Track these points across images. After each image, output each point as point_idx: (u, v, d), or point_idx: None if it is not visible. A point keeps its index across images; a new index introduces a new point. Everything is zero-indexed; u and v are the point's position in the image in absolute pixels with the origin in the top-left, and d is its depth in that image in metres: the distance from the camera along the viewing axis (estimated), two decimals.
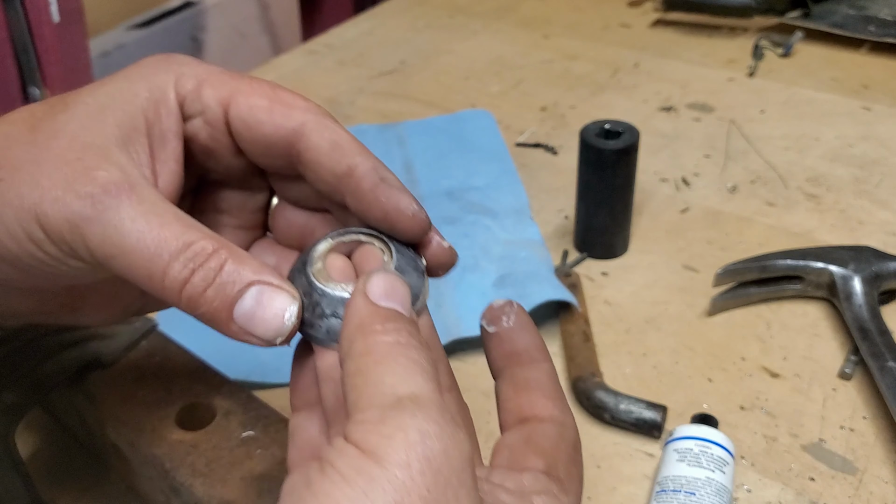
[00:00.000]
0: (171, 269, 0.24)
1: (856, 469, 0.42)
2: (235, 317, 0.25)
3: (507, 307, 0.28)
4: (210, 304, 0.25)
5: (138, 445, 0.36)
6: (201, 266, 0.25)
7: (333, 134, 0.28)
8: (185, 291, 0.25)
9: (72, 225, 0.25)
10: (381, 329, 0.23)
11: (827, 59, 0.81)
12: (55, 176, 0.25)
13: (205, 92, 0.28)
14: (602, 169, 0.53)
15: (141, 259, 0.25)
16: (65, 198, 0.25)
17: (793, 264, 0.51)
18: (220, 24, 1.26)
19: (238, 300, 0.25)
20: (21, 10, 0.67)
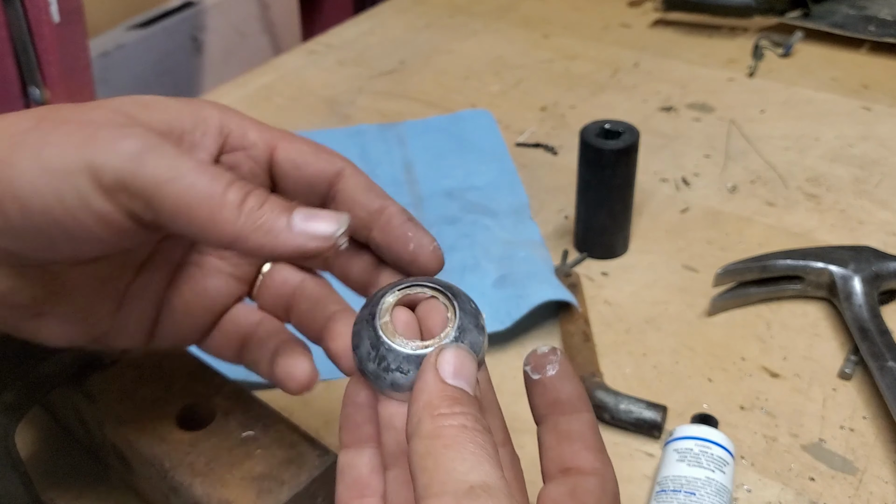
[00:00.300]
0: (229, 192, 0.26)
1: (856, 469, 0.42)
2: (293, 224, 0.27)
3: (551, 355, 0.29)
4: (268, 216, 0.26)
5: (138, 445, 0.36)
6: (252, 192, 0.27)
7: (368, 180, 0.32)
8: (244, 208, 0.26)
9: (127, 169, 0.26)
10: (448, 412, 0.25)
11: (827, 59, 0.81)
12: (106, 128, 0.27)
13: (250, 133, 0.31)
14: (602, 169, 0.53)
15: (200, 183, 0.26)
16: (121, 142, 0.26)
17: (793, 264, 0.51)
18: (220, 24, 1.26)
19: (292, 213, 0.27)
20: (21, 10, 0.67)
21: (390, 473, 0.28)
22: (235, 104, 0.79)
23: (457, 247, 0.56)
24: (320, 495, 0.35)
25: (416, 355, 0.27)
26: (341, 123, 0.75)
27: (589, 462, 0.28)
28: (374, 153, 0.68)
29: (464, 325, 0.28)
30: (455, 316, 0.28)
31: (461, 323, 0.28)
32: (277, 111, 0.77)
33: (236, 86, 0.82)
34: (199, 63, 1.26)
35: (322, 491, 0.35)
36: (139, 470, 0.38)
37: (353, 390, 0.29)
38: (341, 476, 0.29)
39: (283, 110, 0.77)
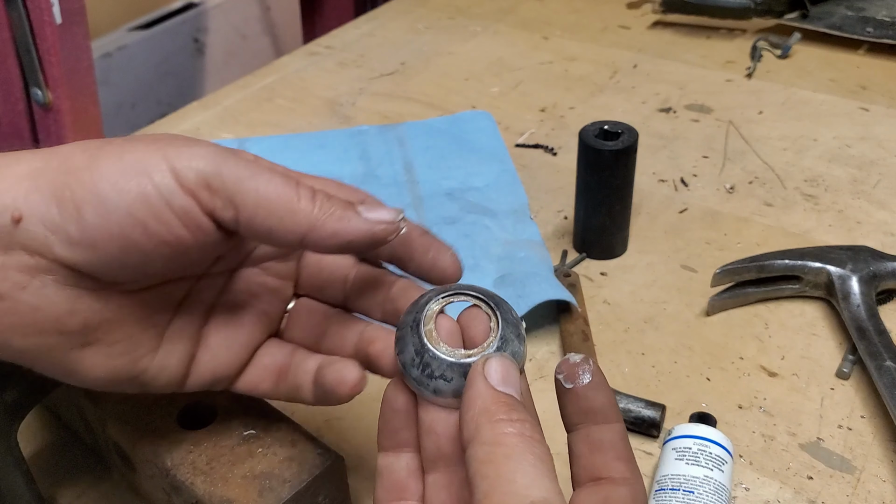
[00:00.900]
0: (301, 188, 0.29)
1: (854, 468, 0.42)
2: (361, 211, 0.30)
3: (584, 364, 0.29)
4: (338, 207, 0.29)
5: (139, 444, 0.36)
6: (317, 193, 0.29)
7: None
8: (317, 200, 0.29)
9: (211, 164, 0.28)
10: (506, 419, 0.26)
11: (825, 60, 0.81)
12: (178, 140, 0.29)
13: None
14: (601, 169, 0.53)
15: (277, 181, 0.29)
16: (196, 148, 0.29)
17: (791, 264, 0.51)
18: (222, 26, 1.26)
19: (358, 205, 0.30)
20: (23, 12, 0.68)
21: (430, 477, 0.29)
22: (237, 105, 0.79)
23: (457, 247, 0.56)
24: (321, 493, 0.35)
25: (460, 364, 0.28)
26: (342, 124, 0.75)
27: (620, 472, 0.28)
28: (374, 154, 0.69)
29: (506, 335, 0.29)
30: (498, 326, 0.29)
31: (504, 332, 0.29)
32: (279, 112, 0.77)
33: (237, 87, 0.82)
34: (200, 64, 1.27)
35: (323, 489, 0.35)
36: (141, 468, 0.38)
37: (392, 395, 0.30)
38: (380, 479, 0.30)
39: (284, 111, 0.77)
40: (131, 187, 0.27)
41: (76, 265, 0.28)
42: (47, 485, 0.42)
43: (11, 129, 0.74)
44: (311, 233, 0.29)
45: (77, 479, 0.43)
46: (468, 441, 0.26)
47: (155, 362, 0.32)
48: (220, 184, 0.28)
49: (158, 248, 0.28)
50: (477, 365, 0.27)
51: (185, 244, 0.28)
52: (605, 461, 0.28)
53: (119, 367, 0.31)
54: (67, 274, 0.28)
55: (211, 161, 0.28)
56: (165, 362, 0.32)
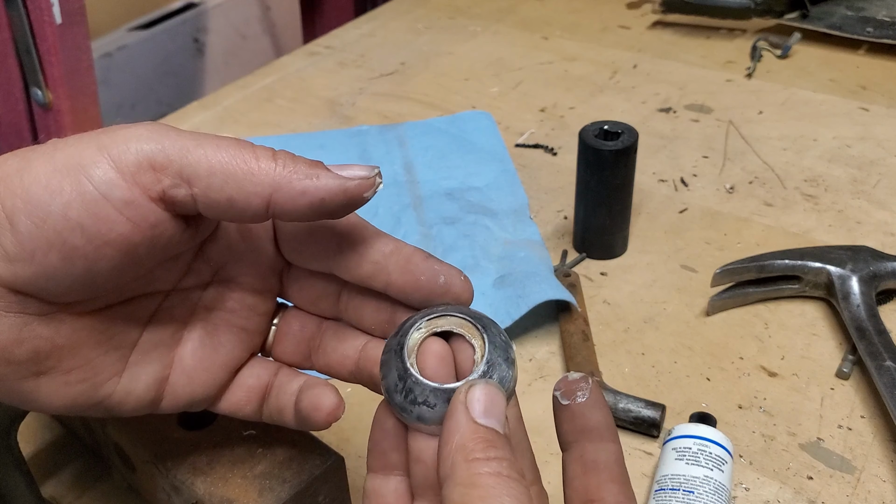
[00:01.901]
0: (258, 148, 0.27)
1: (854, 468, 0.42)
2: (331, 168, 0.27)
3: (582, 382, 0.29)
4: (303, 164, 0.27)
5: (139, 444, 0.36)
6: (280, 150, 0.27)
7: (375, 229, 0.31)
8: (278, 159, 0.27)
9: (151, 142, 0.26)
10: (482, 458, 0.25)
11: (825, 60, 0.81)
12: (114, 127, 0.26)
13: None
14: (601, 169, 0.53)
15: (228, 144, 0.26)
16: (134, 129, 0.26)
17: (790, 264, 0.51)
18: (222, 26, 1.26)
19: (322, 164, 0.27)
20: (23, 11, 0.68)
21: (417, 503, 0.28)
22: (237, 105, 0.79)
23: (457, 247, 0.56)
24: (321, 494, 0.35)
25: (443, 389, 0.26)
26: (342, 124, 0.75)
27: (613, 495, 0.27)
28: (374, 154, 0.69)
29: (493, 360, 0.27)
30: (485, 349, 0.27)
31: (490, 357, 0.27)
32: (279, 112, 0.77)
33: (238, 87, 0.82)
34: (200, 64, 1.27)
35: (323, 489, 0.35)
36: (141, 469, 0.38)
37: (382, 416, 0.28)
38: (367, 501, 0.29)
39: (284, 111, 0.78)
40: (64, 186, 0.25)
41: (17, 285, 0.25)
42: (47, 485, 0.42)
43: (11, 129, 0.74)
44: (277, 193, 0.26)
45: (77, 479, 0.43)
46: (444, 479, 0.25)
47: (119, 387, 0.29)
48: (164, 159, 0.26)
49: (102, 251, 0.25)
50: (459, 393, 0.26)
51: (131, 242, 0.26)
52: (599, 482, 0.28)
53: (79, 394, 0.28)
54: (11, 299, 0.26)
55: (151, 138, 0.26)
56: (131, 387, 0.29)
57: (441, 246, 0.57)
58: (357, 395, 0.47)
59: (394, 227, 0.59)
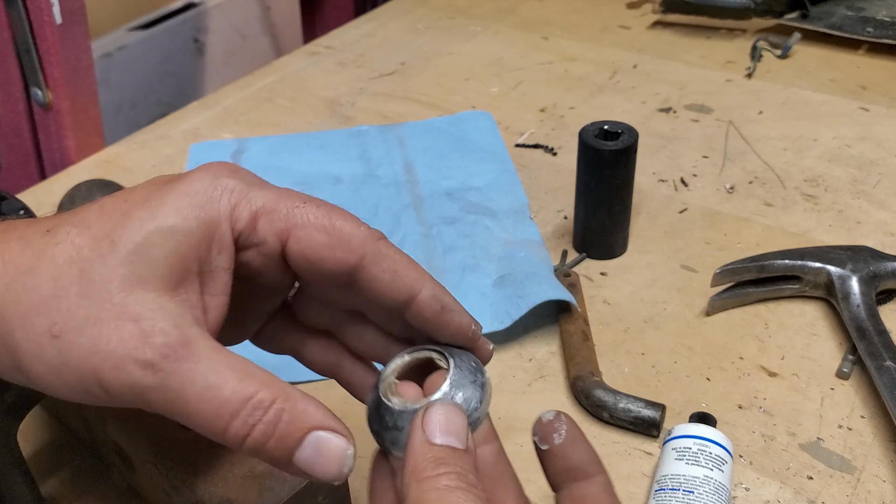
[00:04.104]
0: (231, 428, 0.26)
1: (854, 468, 0.42)
2: (296, 461, 0.26)
3: (556, 422, 0.29)
4: (271, 454, 0.26)
5: (139, 444, 0.36)
6: (260, 420, 0.26)
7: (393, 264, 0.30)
8: (246, 444, 0.26)
9: (134, 391, 0.25)
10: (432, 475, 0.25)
11: (825, 60, 0.81)
12: (113, 339, 0.25)
13: (261, 225, 0.29)
14: (601, 169, 0.53)
15: (203, 420, 0.26)
16: (126, 366, 0.25)
17: (790, 264, 0.51)
18: (222, 26, 1.26)
19: (298, 448, 0.26)
20: (23, 11, 0.68)
21: None
22: (237, 105, 0.79)
23: (457, 247, 0.57)
24: (321, 494, 0.35)
25: (408, 410, 0.27)
26: (342, 124, 0.75)
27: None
28: (374, 154, 0.69)
29: (457, 381, 0.28)
30: (449, 372, 0.28)
31: (454, 378, 0.28)
32: (279, 112, 0.77)
33: (238, 87, 0.82)
34: (200, 64, 1.27)
35: (323, 489, 0.35)
36: (141, 469, 0.38)
37: (378, 456, 0.29)
38: None
39: (284, 111, 0.78)
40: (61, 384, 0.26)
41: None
42: (47, 485, 0.42)
43: (11, 129, 0.74)
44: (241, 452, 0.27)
45: (77, 479, 0.43)
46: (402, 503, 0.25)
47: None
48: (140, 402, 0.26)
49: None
50: (416, 415, 0.26)
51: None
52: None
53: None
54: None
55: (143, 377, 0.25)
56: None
57: (441, 246, 0.57)
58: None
59: (394, 227, 0.59)
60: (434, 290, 0.30)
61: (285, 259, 0.30)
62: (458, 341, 0.31)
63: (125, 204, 0.27)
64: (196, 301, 0.27)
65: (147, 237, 0.26)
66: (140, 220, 0.27)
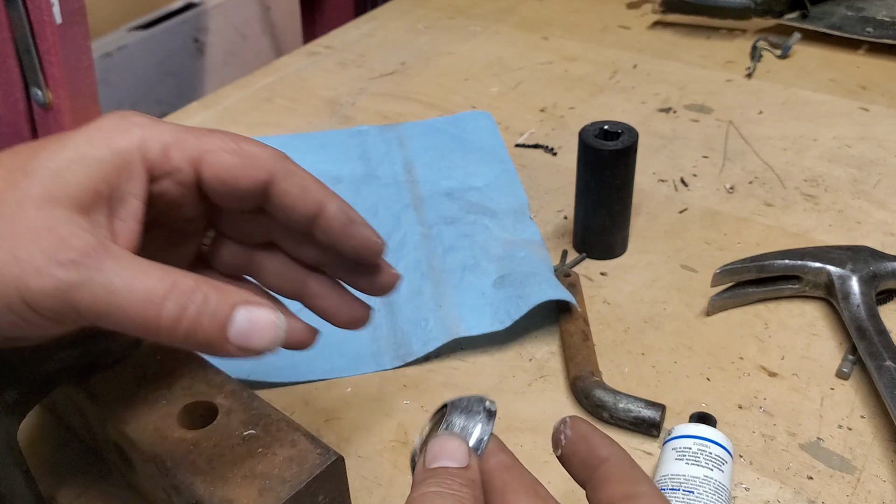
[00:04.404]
0: (164, 310, 0.27)
1: (854, 468, 0.42)
2: (231, 338, 0.28)
3: (560, 426, 0.30)
4: (206, 331, 0.27)
5: (139, 444, 0.36)
6: (190, 300, 0.27)
7: (301, 180, 0.33)
8: (181, 325, 0.27)
9: (60, 293, 0.26)
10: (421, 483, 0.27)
11: (825, 60, 0.81)
12: (32, 248, 0.26)
13: (173, 154, 0.31)
14: (601, 169, 0.53)
15: (135, 308, 0.27)
16: (48, 269, 0.26)
17: (790, 264, 0.51)
18: (222, 26, 1.26)
19: (229, 322, 0.28)
20: (23, 11, 0.68)
21: None
22: (237, 105, 0.79)
23: (457, 247, 0.56)
24: (321, 493, 0.35)
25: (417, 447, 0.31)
26: (342, 124, 0.75)
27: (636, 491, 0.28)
28: (374, 154, 0.69)
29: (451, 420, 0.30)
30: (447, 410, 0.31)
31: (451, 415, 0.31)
32: (279, 112, 0.77)
33: (237, 87, 0.82)
34: (200, 64, 1.27)
35: (323, 489, 0.35)
36: (141, 468, 0.38)
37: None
38: None
39: (284, 111, 0.78)
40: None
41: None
42: (47, 484, 0.42)
43: (11, 129, 0.74)
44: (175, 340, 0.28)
45: (77, 478, 0.43)
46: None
47: None
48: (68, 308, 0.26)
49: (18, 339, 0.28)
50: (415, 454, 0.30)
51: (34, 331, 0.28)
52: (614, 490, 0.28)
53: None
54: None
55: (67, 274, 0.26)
56: None
57: (441, 246, 0.57)
58: (357, 395, 0.48)
59: (394, 227, 0.59)
60: (340, 204, 0.33)
61: (201, 189, 0.32)
62: (363, 255, 0.33)
63: (36, 144, 0.29)
64: (105, 223, 0.29)
65: (59, 163, 0.28)
66: (52, 151, 0.28)
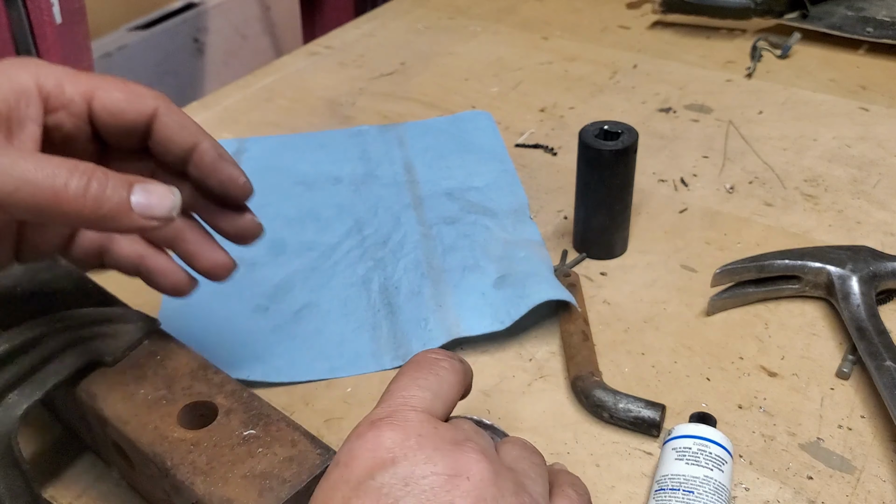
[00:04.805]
0: (71, 182, 0.30)
1: (853, 468, 0.42)
2: (135, 207, 0.32)
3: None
4: (111, 202, 0.31)
5: (139, 444, 0.36)
6: (92, 176, 0.31)
7: (180, 117, 0.37)
8: (87, 199, 0.30)
9: None
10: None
11: (825, 60, 0.81)
12: None
13: (67, 88, 0.34)
14: (601, 169, 0.53)
15: (43, 183, 0.29)
16: None
17: (790, 264, 0.51)
18: (222, 26, 1.26)
19: (131, 192, 0.32)
20: (23, 12, 0.68)
21: None
22: (237, 105, 0.79)
23: (457, 247, 0.56)
24: None
25: None
26: (342, 124, 0.75)
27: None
28: (374, 154, 0.69)
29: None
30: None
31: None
32: (279, 112, 0.77)
33: (238, 87, 0.82)
34: (200, 64, 1.27)
35: None
36: (141, 468, 0.38)
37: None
38: None
39: (284, 111, 0.78)
40: None
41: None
42: (47, 485, 0.42)
43: None
44: (82, 227, 0.33)
45: (77, 478, 0.43)
46: None
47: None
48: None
49: None
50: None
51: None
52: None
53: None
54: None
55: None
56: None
57: (441, 246, 0.57)
58: (357, 395, 0.47)
59: (394, 227, 0.59)
60: (213, 142, 0.37)
61: (92, 125, 0.35)
62: (230, 192, 0.38)
63: None
64: (2, 142, 0.32)
65: None
66: None
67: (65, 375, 0.38)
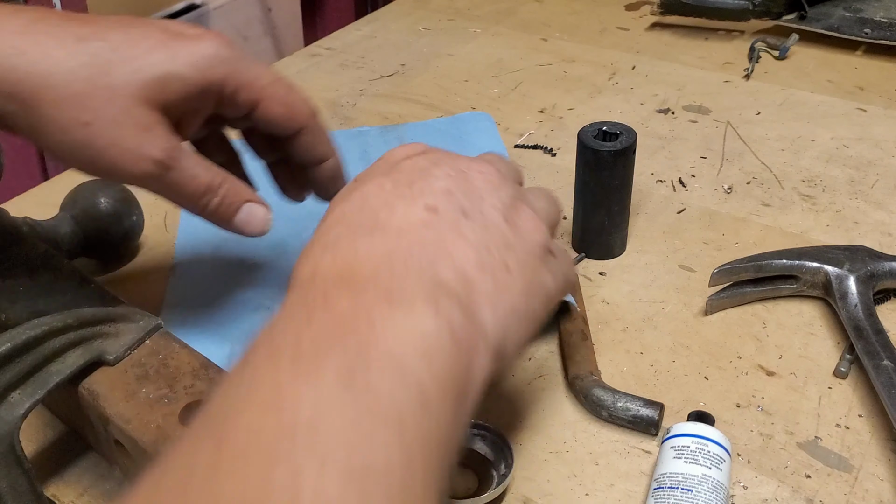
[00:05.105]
0: (210, 200, 0.40)
1: (851, 467, 0.42)
2: (235, 222, 0.41)
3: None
4: (223, 211, 0.40)
5: (142, 443, 0.36)
6: (216, 194, 0.40)
7: (320, 136, 0.44)
8: (209, 208, 0.40)
9: (146, 177, 0.38)
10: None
11: (823, 61, 0.82)
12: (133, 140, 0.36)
13: (241, 95, 0.40)
14: (600, 170, 0.54)
15: (193, 196, 0.39)
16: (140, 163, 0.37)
17: (788, 264, 0.52)
18: (223, 27, 1.27)
19: (238, 210, 0.41)
20: None
21: None
22: None
23: None
24: None
25: None
26: (343, 125, 0.75)
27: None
28: (375, 155, 0.69)
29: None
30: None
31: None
32: None
33: None
34: None
35: None
36: (142, 467, 0.38)
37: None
38: None
39: None
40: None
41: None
42: (49, 484, 0.42)
43: None
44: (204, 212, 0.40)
45: (79, 477, 0.43)
46: None
47: None
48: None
49: None
50: None
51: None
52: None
53: None
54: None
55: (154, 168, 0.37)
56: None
57: None
58: None
59: None
60: (337, 161, 0.45)
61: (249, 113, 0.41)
62: (320, 195, 0.46)
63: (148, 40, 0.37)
64: (171, 127, 0.38)
65: (166, 75, 0.37)
66: (163, 59, 0.37)
67: (67, 374, 0.38)
